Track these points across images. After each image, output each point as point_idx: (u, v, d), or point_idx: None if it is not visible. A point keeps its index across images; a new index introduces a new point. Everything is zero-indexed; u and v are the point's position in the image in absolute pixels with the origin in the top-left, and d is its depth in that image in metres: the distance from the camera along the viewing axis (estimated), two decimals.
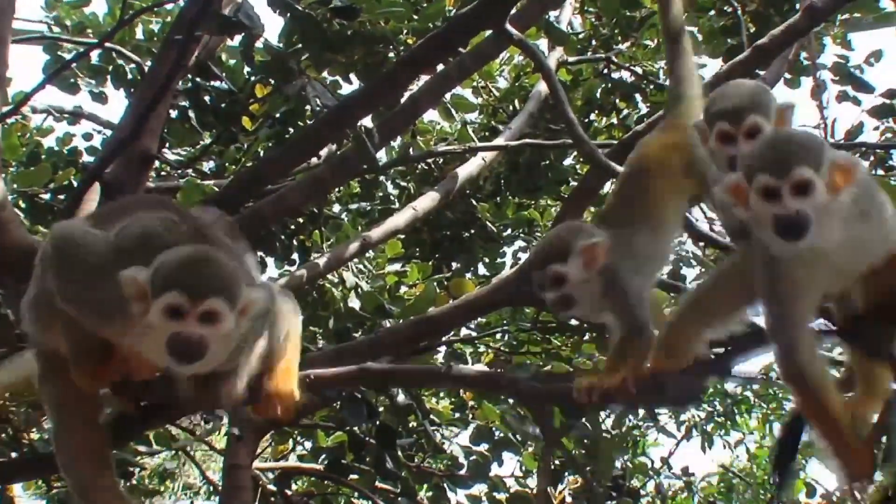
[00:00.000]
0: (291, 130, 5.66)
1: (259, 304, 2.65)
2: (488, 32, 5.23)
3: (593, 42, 7.25)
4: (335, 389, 4.57)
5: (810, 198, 2.39)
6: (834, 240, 2.45)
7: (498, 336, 6.16)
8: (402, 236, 6.42)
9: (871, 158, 5.70)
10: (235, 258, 2.75)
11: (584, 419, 5.46)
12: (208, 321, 2.56)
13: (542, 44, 6.84)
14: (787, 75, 6.76)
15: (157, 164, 5.68)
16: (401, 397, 5.29)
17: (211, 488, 7.85)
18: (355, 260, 6.15)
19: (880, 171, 5.56)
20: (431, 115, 7.20)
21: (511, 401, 5.56)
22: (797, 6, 5.55)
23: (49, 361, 2.94)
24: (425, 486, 6.01)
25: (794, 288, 2.54)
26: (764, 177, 2.42)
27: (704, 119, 2.94)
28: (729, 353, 2.85)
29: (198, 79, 5.67)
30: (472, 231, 7.12)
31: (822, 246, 2.44)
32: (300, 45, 5.46)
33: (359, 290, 6.09)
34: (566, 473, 6.18)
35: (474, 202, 7.14)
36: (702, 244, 7.41)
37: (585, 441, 5.66)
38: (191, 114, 5.84)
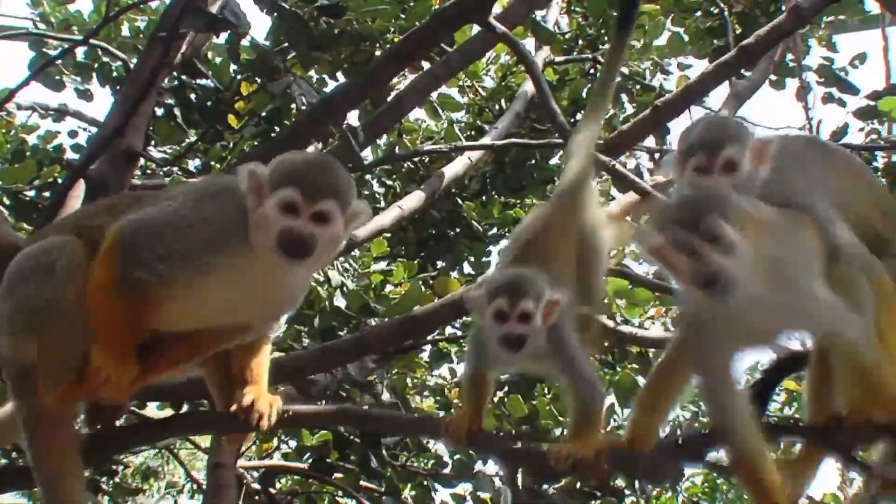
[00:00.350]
0: (277, 129, 5.65)
1: (365, 216, 2.81)
2: (474, 31, 5.24)
3: (580, 42, 7.25)
4: (318, 391, 4.58)
5: (728, 253, 2.43)
6: (749, 294, 2.46)
7: None
8: (388, 235, 6.42)
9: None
10: None
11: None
12: (320, 221, 2.66)
13: (530, 43, 6.85)
14: (773, 76, 6.79)
15: (142, 161, 5.66)
16: (385, 396, 5.29)
17: (195, 487, 7.85)
18: (341, 258, 6.15)
19: None
20: (418, 113, 7.21)
21: None
22: (783, 7, 5.57)
23: (21, 378, 2.91)
24: (410, 484, 6.00)
25: (716, 348, 2.59)
26: (679, 233, 2.46)
27: (679, 151, 2.91)
28: (705, 438, 2.85)
29: (183, 76, 5.65)
30: (458, 230, 7.11)
31: (742, 298, 2.44)
32: (286, 44, 5.46)
33: (344, 288, 6.08)
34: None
35: (460, 201, 7.13)
36: None
37: None
38: (176, 111, 5.82)
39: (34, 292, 2.81)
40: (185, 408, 5.04)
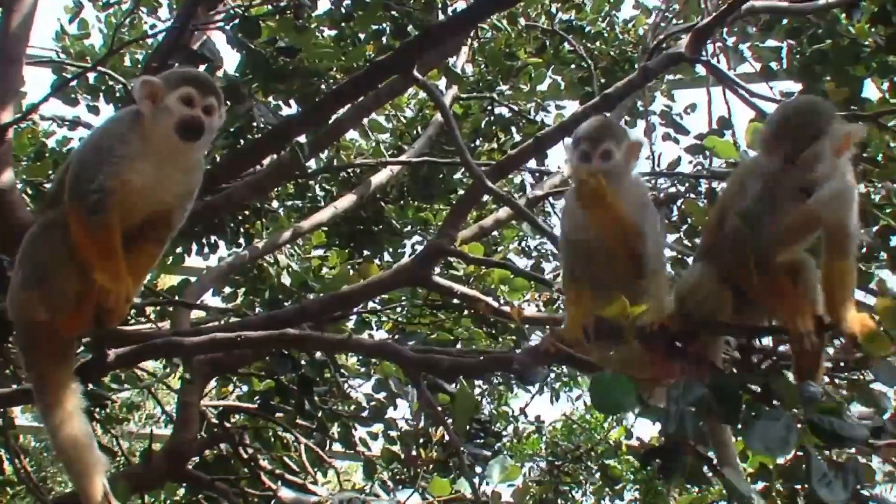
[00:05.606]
0: (242, 142, 5.61)
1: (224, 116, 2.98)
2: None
3: (481, 84, 7.28)
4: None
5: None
6: None
7: (397, 310, 6.15)
8: (326, 229, 6.41)
9: (686, 185, 5.80)
10: None
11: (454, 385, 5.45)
12: (208, 112, 2.87)
13: (442, 83, 6.87)
14: (627, 117, 6.87)
15: None
16: (318, 354, 5.28)
17: (168, 419, 7.76)
18: (288, 245, 6.14)
19: (692, 195, 5.66)
20: (352, 134, 7.19)
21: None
22: (636, 66, 5.64)
23: (29, 333, 2.97)
24: (336, 424, 5.99)
25: None
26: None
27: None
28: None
29: None
30: (381, 227, 7.11)
31: None
32: (251, 76, 5.43)
33: (289, 269, 6.08)
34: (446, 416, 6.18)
35: (383, 204, 7.14)
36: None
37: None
38: None
39: (42, 254, 2.91)
40: None
